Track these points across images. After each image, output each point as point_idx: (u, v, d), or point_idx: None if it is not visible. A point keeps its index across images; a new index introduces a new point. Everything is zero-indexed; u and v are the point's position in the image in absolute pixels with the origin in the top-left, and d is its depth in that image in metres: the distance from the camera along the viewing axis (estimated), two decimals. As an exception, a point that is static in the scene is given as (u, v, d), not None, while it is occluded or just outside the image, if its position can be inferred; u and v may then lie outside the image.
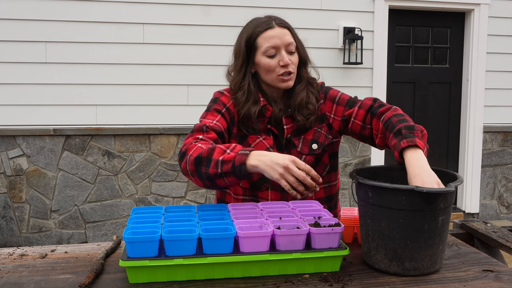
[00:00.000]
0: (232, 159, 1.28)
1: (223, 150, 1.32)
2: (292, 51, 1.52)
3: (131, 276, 1.14)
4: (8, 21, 3.87)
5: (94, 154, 4.07)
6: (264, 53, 1.50)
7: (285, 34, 1.50)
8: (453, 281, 1.16)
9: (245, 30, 1.55)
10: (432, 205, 1.14)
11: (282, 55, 1.49)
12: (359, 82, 4.46)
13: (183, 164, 1.38)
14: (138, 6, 4.04)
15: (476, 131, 4.72)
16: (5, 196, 3.99)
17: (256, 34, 1.50)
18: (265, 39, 1.49)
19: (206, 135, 1.45)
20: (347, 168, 4.50)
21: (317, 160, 1.59)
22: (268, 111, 1.56)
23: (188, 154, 1.36)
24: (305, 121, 1.55)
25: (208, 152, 1.32)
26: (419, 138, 1.31)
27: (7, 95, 3.92)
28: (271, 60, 1.50)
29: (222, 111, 1.55)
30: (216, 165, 1.29)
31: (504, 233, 1.82)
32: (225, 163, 1.29)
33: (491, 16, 4.62)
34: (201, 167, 1.32)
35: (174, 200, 4.24)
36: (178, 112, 4.17)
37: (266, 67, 1.51)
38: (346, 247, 1.21)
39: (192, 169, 1.34)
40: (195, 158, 1.33)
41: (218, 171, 1.29)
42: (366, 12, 4.42)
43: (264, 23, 1.51)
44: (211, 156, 1.31)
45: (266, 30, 1.49)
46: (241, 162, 1.27)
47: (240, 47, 1.55)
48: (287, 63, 1.49)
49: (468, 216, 4.79)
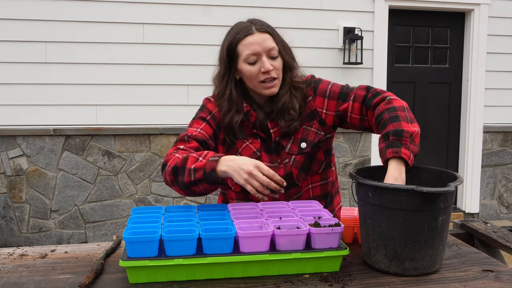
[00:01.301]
0: (203, 166, 1.33)
1: (195, 158, 1.36)
2: (274, 56, 1.48)
3: (131, 276, 1.14)
4: (8, 21, 3.87)
5: (94, 154, 4.07)
6: (245, 61, 1.48)
7: (265, 40, 1.47)
8: (453, 281, 1.16)
9: (226, 37, 1.52)
10: (432, 205, 1.14)
11: (263, 62, 1.46)
12: (359, 82, 4.45)
13: (164, 174, 1.43)
14: (138, 6, 4.04)
15: (476, 131, 4.72)
16: (5, 196, 3.99)
17: (236, 41, 1.48)
18: (245, 46, 1.47)
19: (187, 144, 1.48)
20: (347, 168, 4.50)
21: (310, 158, 1.57)
22: (252, 117, 1.55)
23: (167, 165, 1.42)
24: (287, 128, 1.53)
25: (183, 162, 1.37)
26: (405, 146, 1.30)
27: (7, 95, 3.92)
28: (252, 67, 1.47)
29: (207, 119, 1.56)
30: (189, 174, 1.35)
31: (504, 233, 1.82)
32: (197, 171, 1.34)
33: (491, 16, 4.62)
34: (178, 176, 1.38)
35: (174, 200, 4.24)
36: (178, 112, 4.17)
37: (248, 74, 1.49)
38: (346, 247, 1.21)
39: (171, 179, 1.40)
40: (172, 169, 1.39)
41: (191, 179, 1.35)
42: (366, 12, 4.42)
43: (244, 29, 1.48)
44: (185, 165, 1.36)
45: (246, 37, 1.46)
46: (211, 169, 1.32)
47: (222, 55, 1.53)
48: (268, 69, 1.46)
49: (468, 216, 4.79)
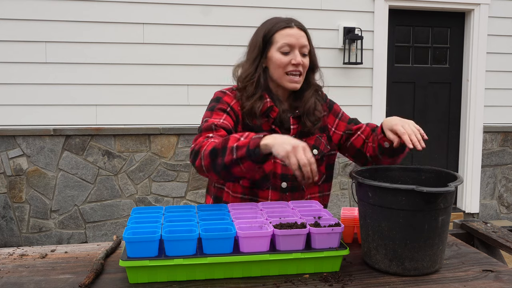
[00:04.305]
0: (246, 144, 1.29)
1: (237, 138, 1.33)
2: (305, 53, 1.57)
3: (131, 276, 1.14)
4: (8, 21, 3.87)
5: (94, 154, 4.07)
6: (278, 49, 1.54)
7: (301, 36, 1.55)
8: (453, 281, 1.16)
9: (263, 26, 1.60)
10: (432, 205, 1.14)
11: (295, 54, 1.54)
12: (359, 82, 4.46)
13: (197, 161, 1.38)
14: (138, 6, 4.04)
15: (476, 131, 4.72)
16: (5, 196, 3.99)
17: (275, 30, 1.55)
18: (282, 36, 1.54)
19: (216, 133, 1.45)
20: (347, 168, 4.50)
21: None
22: (274, 112, 1.57)
23: (202, 149, 1.37)
24: (312, 127, 1.60)
25: (223, 142, 1.33)
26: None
27: (7, 95, 3.92)
28: (284, 56, 1.54)
29: (227, 110, 1.55)
30: (231, 152, 1.30)
31: (504, 233, 1.82)
32: (239, 148, 1.29)
33: (491, 16, 4.62)
34: (217, 158, 1.32)
35: (174, 200, 4.24)
36: (178, 112, 4.17)
37: (278, 62, 1.54)
38: (346, 247, 1.21)
39: (207, 163, 1.35)
40: (210, 152, 1.34)
41: (233, 157, 1.29)
42: (366, 12, 4.42)
43: (284, 22, 1.56)
44: (226, 145, 1.32)
45: (285, 28, 1.55)
46: (255, 145, 1.27)
47: (256, 40, 1.59)
48: (299, 62, 1.53)
49: (468, 216, 4.79)
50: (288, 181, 1.58)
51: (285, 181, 1.57)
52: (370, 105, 4.49)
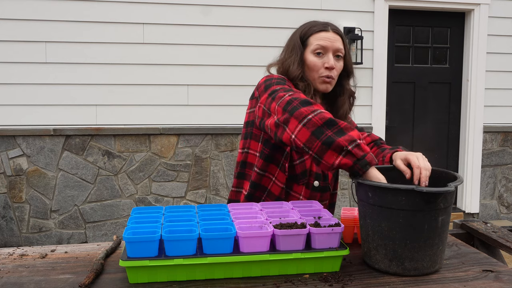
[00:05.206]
0: (366, 152, 1.23)
1: (359, 135, 1.25)
2: (339, 55, 1.58)
3: (131, 276, 1.14)
4: (8, 21, 3.88)
5: (94, 154, 4.07)
6: (312, 51, 1.55)
7: (336, 40, 1.56)
8: (453, 281, 1.16)
9: (300, 28, 1.62)
10: (432, 205, 1.14)
11: (328, 57, 1.55)
12: (359, 82, 4.39)
13: (304, 109, 1.27)
14: (138, 6, 4.05)
15: (476, 131, 4.72)
16: (5, 196, 3.99)
17: (311, 32, 1.57)
18: (317, 39, 1.56)
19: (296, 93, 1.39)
20: (347, 168, 4.50)
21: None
22: None
23: (315, 107, 1.28)
24: None
25: (345, 125, 1.25)
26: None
27: (7, 95, 3.92)
28: (317, 59, 1.55)
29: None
30: (350, 142, 1.21)
31: (504, 233, 1.81)
32: (359, 148, 1.22)
33: (491, 16, 4.62)
34: (329, 128, 1.23)
35: (174, 200, 4.24)
36: (178, 112, 4.17)
37: (311, 65, 1.55)
38: (346, 247, 1.21)
39: (316, 123, 1.24)
40: (329, 118, 1.24)
41: (347, 147, 1.21)
42: (366, 12, 4.42)
43: (320, 25, 1.58)
44: (347, 131, 1.23)
45: (321, 31, 1.56)
46: (369, 162, 1.22)
47: (295, 41, 1.59)
48: (331, 66, 1.54)
49: (468, 216, 4.79)
50: (321, 180, 1.62)
51: (318, 180, 1.61)
52: (370, 105, 4.49)
